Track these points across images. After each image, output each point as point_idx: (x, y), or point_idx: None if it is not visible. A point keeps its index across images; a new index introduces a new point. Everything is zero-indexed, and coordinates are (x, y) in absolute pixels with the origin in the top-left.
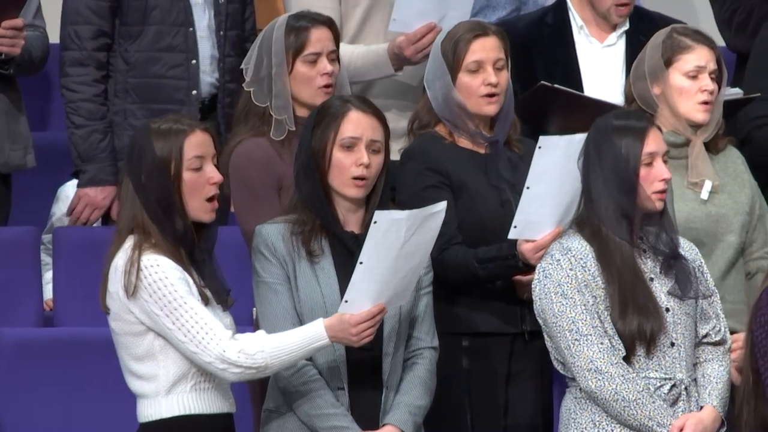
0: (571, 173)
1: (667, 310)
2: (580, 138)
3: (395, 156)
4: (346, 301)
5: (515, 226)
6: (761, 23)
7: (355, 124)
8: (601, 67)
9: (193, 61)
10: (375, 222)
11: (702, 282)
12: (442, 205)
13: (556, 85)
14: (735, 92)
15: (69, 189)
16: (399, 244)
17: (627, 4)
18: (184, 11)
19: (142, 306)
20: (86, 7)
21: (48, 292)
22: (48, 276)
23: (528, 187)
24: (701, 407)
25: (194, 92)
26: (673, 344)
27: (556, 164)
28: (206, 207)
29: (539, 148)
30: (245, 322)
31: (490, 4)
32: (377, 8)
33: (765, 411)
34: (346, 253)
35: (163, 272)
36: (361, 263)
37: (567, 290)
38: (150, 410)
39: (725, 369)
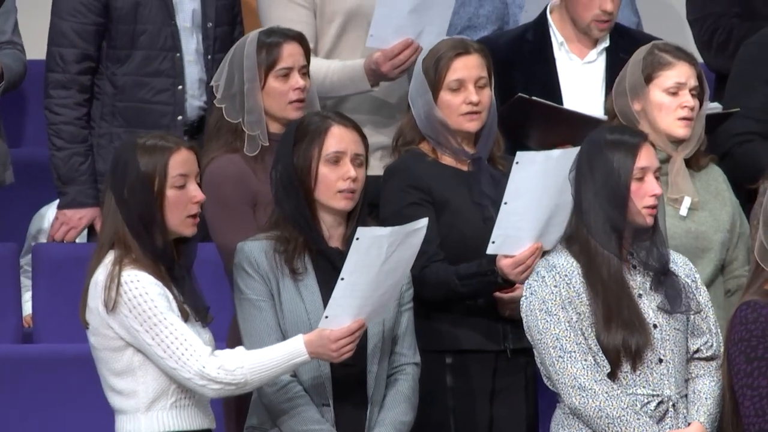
0: (549, 188)
1: (655, 326)
2: (558, 154)
3: (375, 171)
4: (327, 317)
5: (493, 242)
6: (741, 43)
7: (339, 138)
8: (581, 84)
9: (179, 87)
10: (357, 239)
11: (693, 297)
12: (423, 222)
13: (533, 97)
14: (714, 107)
15: (45, 211)
16: (380, 261)
17: (608, 20)
18: (172, 36)
19: (121, 321)
20: (72, 30)
21: (27, 309)
22: (26, 297)
23: (506, 203)
24: (689, 423)
25: (180, 118)
26: (661, 360)
27: (534, 179)
28: (187, 222)
29: (517, 163)
30: (223, 338)
31: (472, 25)
32: (352, 24)
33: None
34: (330, 269)
35: (143, 287)
36: (342, 279)
37: (551, 307)
38: (129, 426)
39: (716, 384)
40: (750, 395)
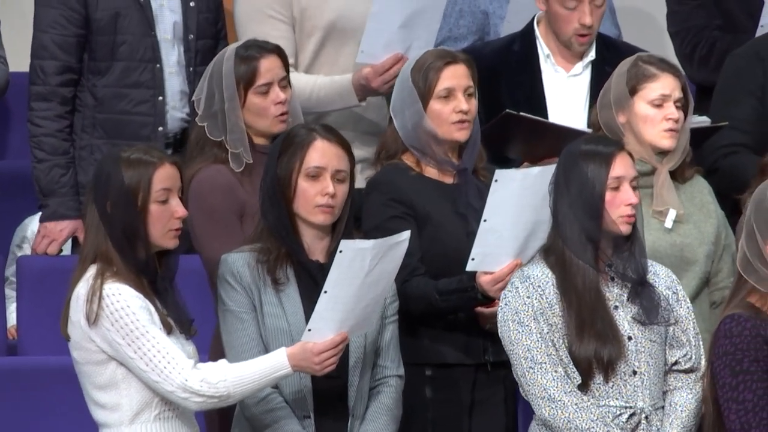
0: (528, 206)
1: (630, 338)
2: (537, 171)
3: (360, 184)
4: (309, 330)
5: (473, 259)
6: (724, 56)
7: (321, 153)
8: (566, 97)
9: (160, 98)
10: (340, 251)
11: (671, 309)
12: (405, 235)
13: (521, 114)
14: (702, 120)
15: (29, 222)
16: (363, 274)
17: (587, 34)
18: (152, 48)
19: (103, 335)
20: (53, 42)
21: (12, 320)
22: (12, 308)
23: (485, 220)
24: None
25: (160, 129)
26: (635, 372)
27: (512, 197)
28: (169, 235)
29: (496, 181)
30: (205, 351)
31: (452, 36)
32: (331, 38)
33: None
34: (311, 281)
35: (124, 301)
36: (325, 292)
37: (523, 318)
38: None
39: (694, 397)
40: (735, 409)
